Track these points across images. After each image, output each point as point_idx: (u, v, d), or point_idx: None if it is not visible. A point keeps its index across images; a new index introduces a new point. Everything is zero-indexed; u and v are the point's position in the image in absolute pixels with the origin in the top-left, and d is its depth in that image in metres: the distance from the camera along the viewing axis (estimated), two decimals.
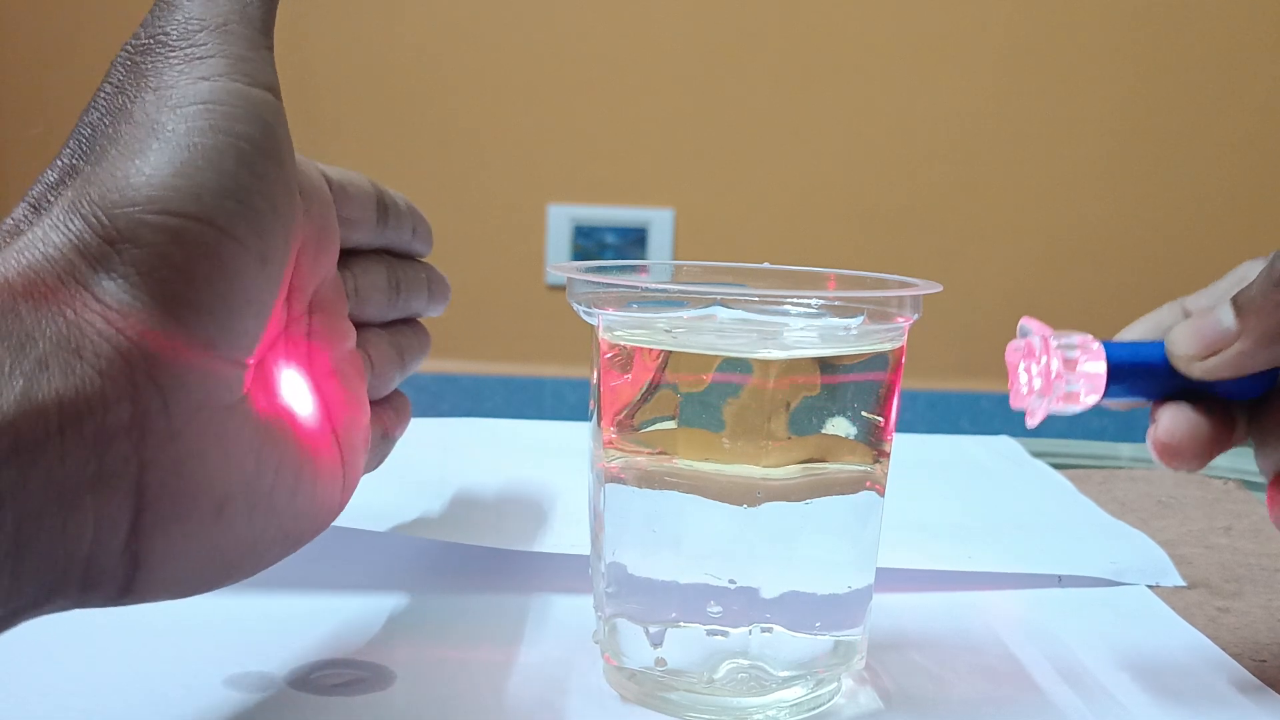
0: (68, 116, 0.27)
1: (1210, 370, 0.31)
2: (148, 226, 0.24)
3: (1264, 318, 0.30)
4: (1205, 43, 1.61)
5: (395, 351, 0.38)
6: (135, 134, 0.26)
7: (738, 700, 0.30)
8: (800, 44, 1.62)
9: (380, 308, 0.38)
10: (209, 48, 0.27)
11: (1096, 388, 0.32)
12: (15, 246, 0.24)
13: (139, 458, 0.24)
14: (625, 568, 0.31)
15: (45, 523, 0.22)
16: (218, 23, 0.28)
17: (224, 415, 0.26)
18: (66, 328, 0.23)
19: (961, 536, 0.46)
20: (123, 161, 0.25)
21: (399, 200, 0.38)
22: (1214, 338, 0.31)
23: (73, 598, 0.24)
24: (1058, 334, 0.33)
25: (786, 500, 0.30)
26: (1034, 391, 0.33)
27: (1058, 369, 0.32)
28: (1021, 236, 1.65)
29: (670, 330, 0.31)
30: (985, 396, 1.66)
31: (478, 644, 0.35)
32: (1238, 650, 0.37)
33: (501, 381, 1.63)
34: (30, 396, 0.22)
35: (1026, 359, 0.33)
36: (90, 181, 0.25)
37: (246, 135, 0.26)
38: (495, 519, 0.46)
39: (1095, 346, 0.32)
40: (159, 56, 0.27)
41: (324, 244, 0.33)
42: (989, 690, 0.34)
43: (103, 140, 0.26)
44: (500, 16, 1.61)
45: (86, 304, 0.24)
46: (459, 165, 1.63)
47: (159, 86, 0.26)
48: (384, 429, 0.38)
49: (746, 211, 1.65)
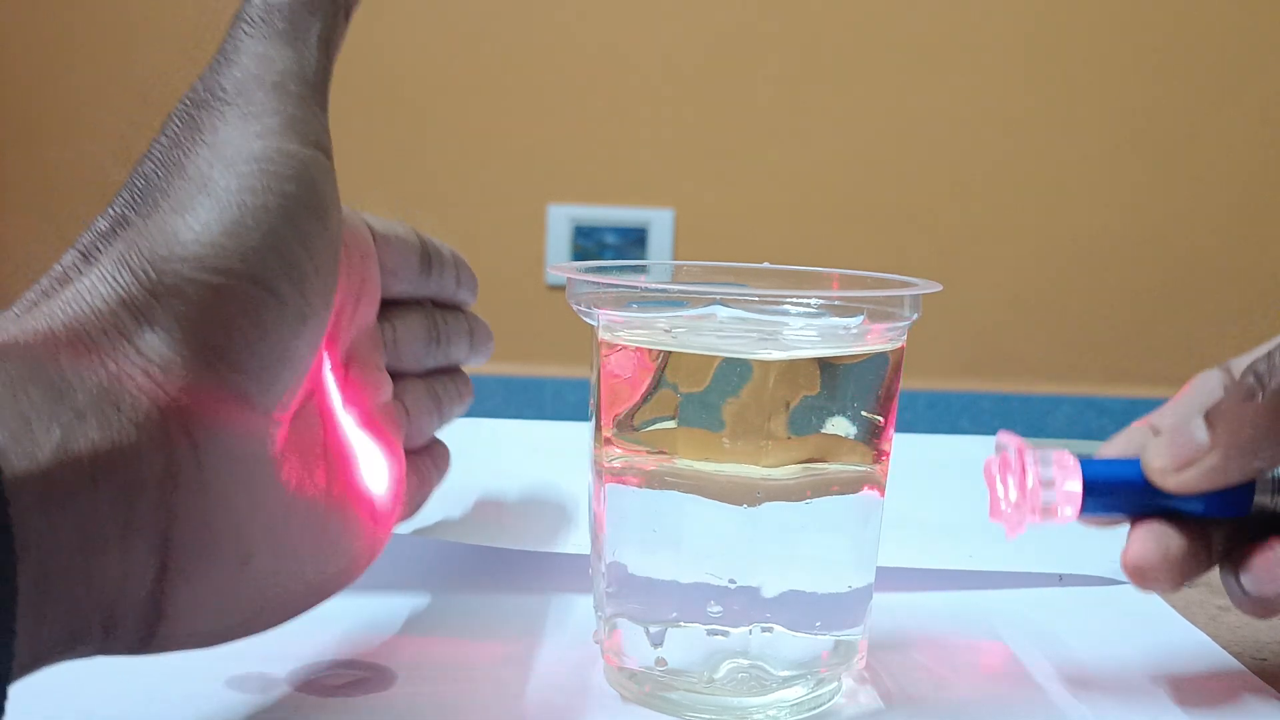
0: (70, 112, 0.27)
1: (1184, 483, 0.31)
2: (193, 282, 0.25)
3: (1235, 430, 0.31)
4: (1207, 42, 1.61)
5: (433, 401, 0.38)
6: (187, 189, 0.26)
7: (738, 700, 0.30)
8: (800, 44, 1.62)
9: (418, 358, 0.38)
10: (264, 106, 0.27)
11: (1074, 502, 0.32)
12: (63, 296, 0.25)
13: (168, 509, 0.24)
14: (625, 567, 0.31)
15: (72, 570, 0.22)
16: (274, 80, 0.28)
17: (254, 468, 0.26)
18: (107, 379, 0.24)
19: (962, 536, 0.46)
20: (173, 216, 0.25)
21: (444, 250, 0.38)
22: (1187, 451, 0.31)
23: (95, 645, 0.24)
24: (1034, 449, 0.33)
25: (786, 500, 0.30)
26: (1011, 505, 0.33)
27: (1033, 484, 0.32)
28: (1021, 236, 1.65)
29: (670, 330, 0.31)
30: (985, 396, 1.66)
31: (478, 644, 0.35)
32: (1238, 649, 0.37)
33: (501, 381, 1.63)
34: (66, 446, 0.22)
35: (1003, 473, 0.33)
36: (140, 234, 0.25)
37: (294, 194, 0.26)
38: (496, 520, 0.46)
39: (1071, 462, 0.32)
40: (215, 111, 0.27)
41: (364, 296, 0.33)
42: (989, 690, 0.34)
43: (155, 193, 0.26)
44: (501, 16, 1.61)
45: (128, 356, 0.24)
46: (459, 165, 1.63)
47: (214, 142, 0.27)
48: (420, 479, 0.38)
49: (746, 211, 1.65)
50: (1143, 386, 1.66)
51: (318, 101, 0.29)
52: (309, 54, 0.29)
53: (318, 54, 0.29)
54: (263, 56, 0.28)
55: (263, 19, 0.29)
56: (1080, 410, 1.66)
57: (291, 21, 0.29)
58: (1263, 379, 0.30)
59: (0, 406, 0.22)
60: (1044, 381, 1.67)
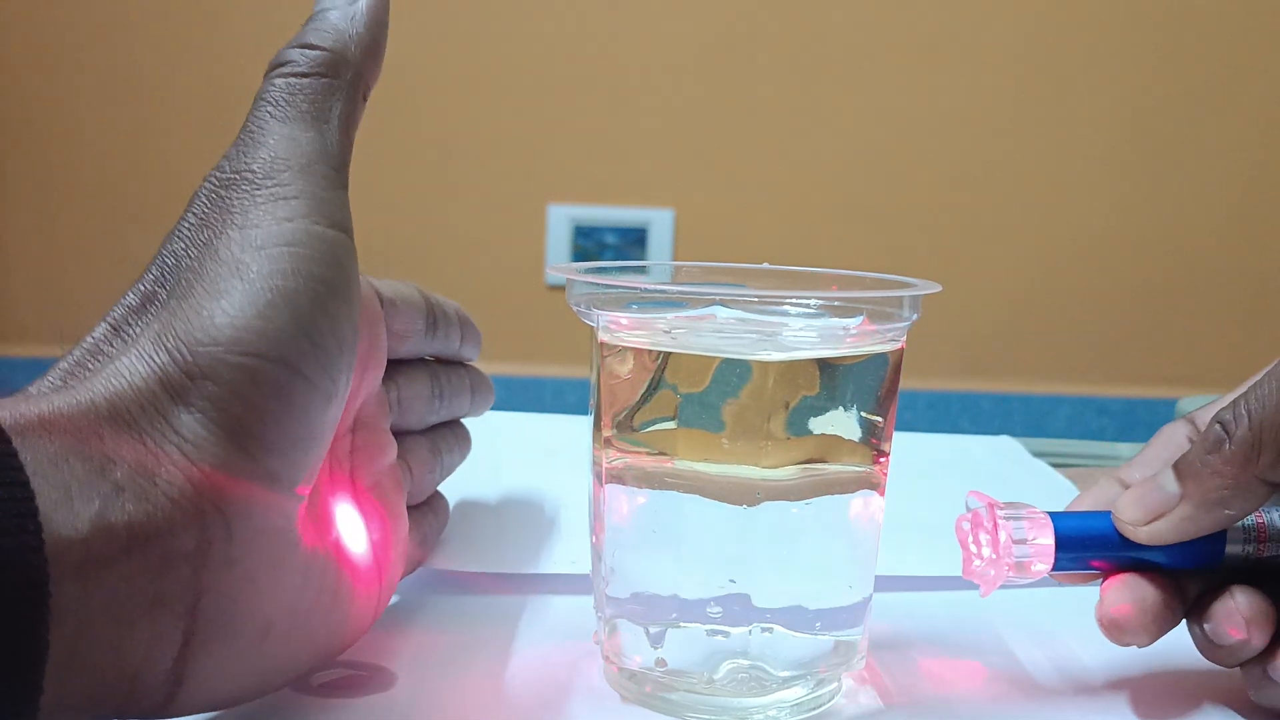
0: (70, 112, 0.27)
1: (1155, 535, 0.32)
2: (227, 365, 0.25)
3: (1203, 482, 0.31)
4: (1207, 42, 1.61)
5: (434, 456, 0.39)
6: (220, 272, 0.27)
7: (738, 700, 0.30)
8: (800, 44, 1.62)
9: (421, 416, 0.39)
10: (292, 188, 0.28)
11: (1045, 557, 0.32)
12: (104, 374, 0.25)
13: (197, 583, 0.25)
14: (626, 568, 0.31)
15: (101, 640, 0.23)
16: (301, 163, 0.29)
17: (279, 543, 0.27)
18: (145, 456, 0.24)
19: None
20: (208, 301, 0.26)
21: (448, 309, 0.39)
22: (1157, 503, 0.32)
23: (111, 710, 0.25)
24: (1005, 506, 0.33)
25: (786, 500, 0.30)
26: (985, 561, 0.33)
27: (1005, 540, 0.32)
28: (1021, 236, 1.65)
29: (670, 330, 0.31)
30: (985, 396, 1.66)
31: (479, 644, 0.35)
32: None
33: (501, 381, 1.62)
34: (104, 516, 0.23)
35: (975, 531, 0.33)
36: (176, 316, 0.26)
37: (322, 277, 0.27)
38: (496, 523, 0.46)
39: (1042, 518, 0.33)
40: (244, 193, 0.28)
41: (371, 362, 0.34)
42: (989, 690, 0.34)
43: (188, 274, 0.27)
44: (501, 16, 1.61)
45: (165, 435, 0.25)
46: (459, 165, 1.63)
47: (244, 225, 0.27)
48: (420, 535, 0.39)
49: (746, 211, 1.65)
50: (1143, 386, 1.66)
51: (341, 182, 0.30)
52: (331, 134, 0.30)
53: (339, 134, 0.30)
54: (289, 138, 0.29)
55: (287, 100, 0.29)
56: (1080, 410, 1.66)
57: (314, 103, 0.30)
58: (1229, 428, 0.31)
59: (45, 477, 0.23)
60: (1044, 381, 1.67)
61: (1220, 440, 0.31)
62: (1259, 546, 0.32)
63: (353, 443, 0.33)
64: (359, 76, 0.31)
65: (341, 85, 0.30)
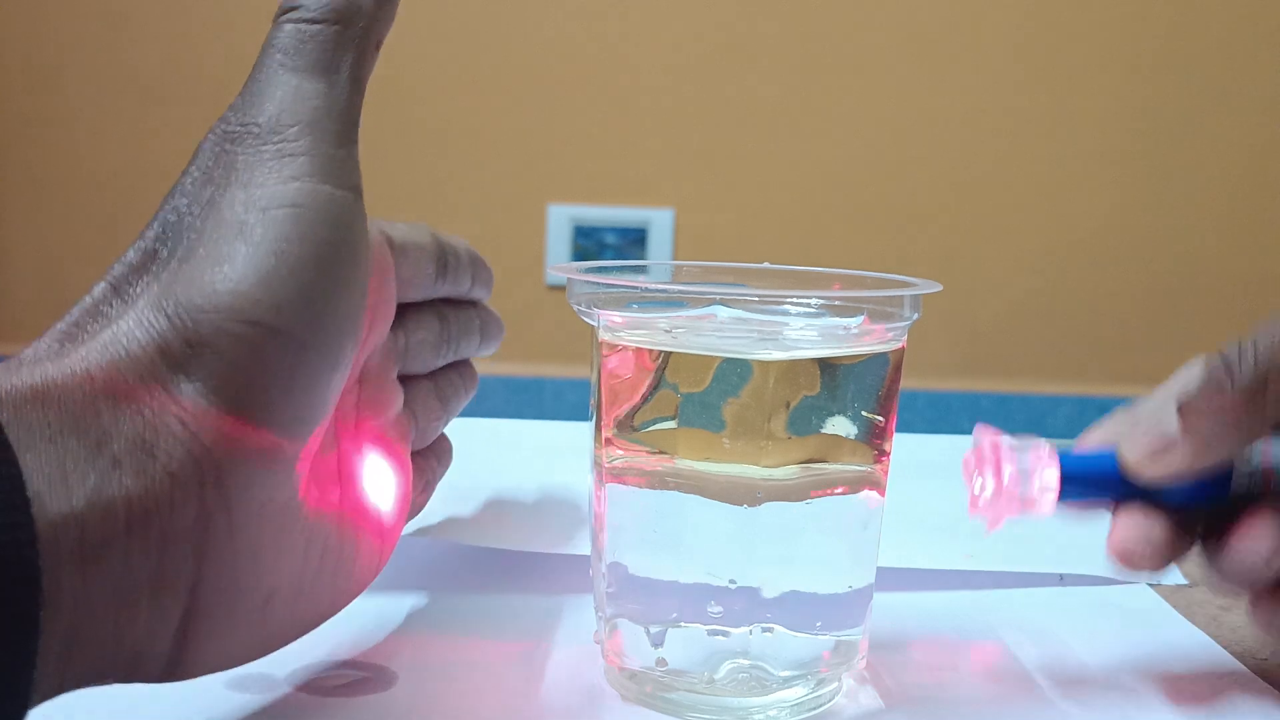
0: (69, 112, 0.27)
1: (1157, 474, 0.32)
2: (228, 334, 0.24)
3: (1204, 421, 0.31)
4: (1207, 42, 1.61)
5: (440, 402, 0.38)
6: (223, 234, 0.26)
7: (738, 700, 0.30)
8: (800, 44, 1.62)
9: (428, 361, 0.37)
10: (299, 144, 0.27)
11: (1051, 493, 0.32)
12: (102, 339, 0.24)
13: (197, 558, 0.24)
14: (626, 568, 0.31)
15: (101, 621, 0.23)
16: (309, 118, 0.27)
17: (280, 513, 0.26)
18: (143, 427, 0.24)
19: (961, 536, 0.46)
20: (210, 265, 0.25)
21: (460, 250, 0.38)
22: (1159, 442, 0.31)
23: (117, 679, 0.25)
24: (1011, 441, 0.33)
25: (787, 500, 0.30)
26: (989, 499, 0.33)
27: (1011, 475, 0.32)
28: (1021, 236, 1.65)
29: (670, 330, 0.31)
30: (985, 396, 1.66)
31: (479, 644, 0.35)
32: (1239, 649, 0.37)
33: (501, 381, 1.63)
34: (101, 493, 0.22)
35: (980, 466, 0.33)
36: (177, 278, 0.25)
37: (329, 240, 0.26)
38: (496, 520, 0.46)
39: (1048, 452, 0.32)
40: (249, 149, 0.27)
41: (379, 315, 0.33)
42: (989, 690, 0.34)
43: (190, 234, 0.26)
44: (501, 16, 1.61)
45: (164, 404, 0.24)
46: (459, 165, 1.63)
47: (248, 183, 0.26)
48: (424, 480, 0.38)
49: (746, 211, 1.65)
50: (1143, 386, 1.65)
51: (350, 138, 0.28)
52: (341, 87, 0.29)
53: (348, 87, 0.29)
54: (296, 90, 0.28)
55: (295, 49, 0.28)
56: (1080, 410, 1.65)
57: (324, 53, 0.28)
58: (1232, 369, 0.30)
59: (39, 454, 0.22)
60: (1044, 381, 1.67)
61: (1222, 381, 0.30)
62: (1265, 485, 0.32)
63: (359, 396, 0.32)
64: (371, 26, 0.30)
65: (353, 35, 0.29)
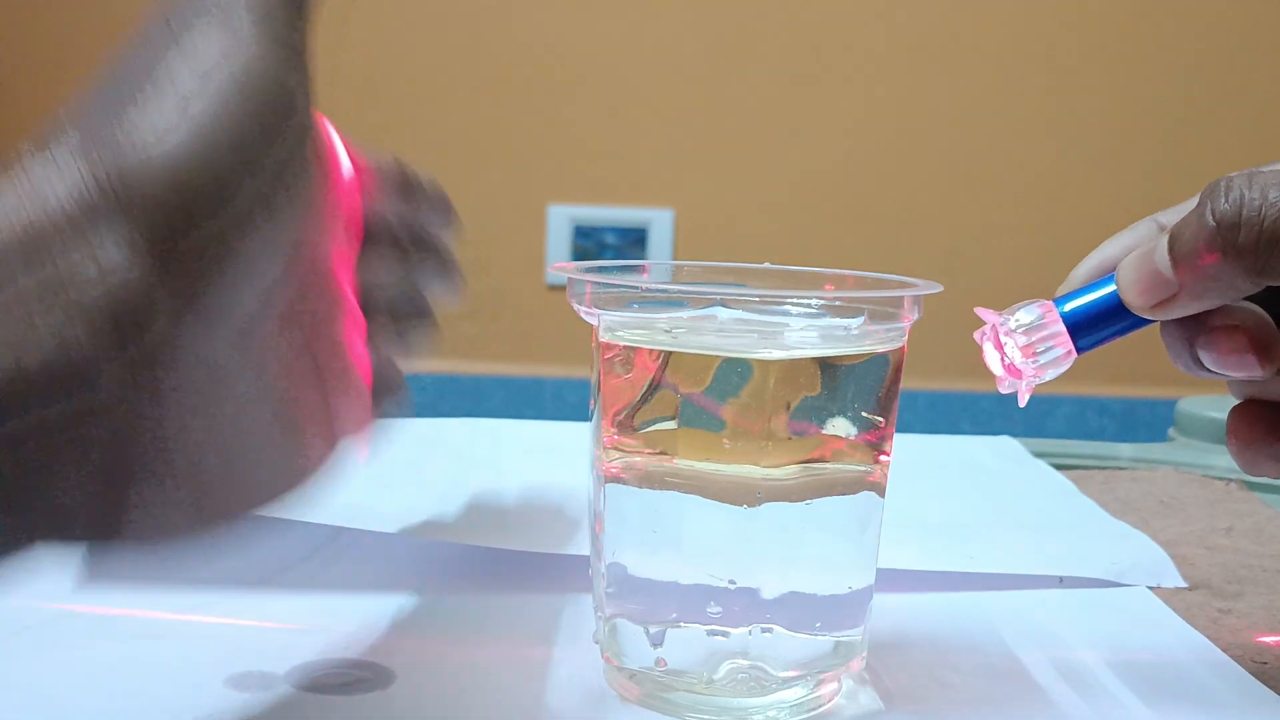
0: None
1: (1157, 316, 0.32)
2: (158, 199, 0.24)
3: (1197, 273, 0.30)
4: (1208, 42, 1.61)
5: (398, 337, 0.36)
6: (159, 93, 0.25)
7: (738, 700, 0.30)
8: (800, 44, 1.62)
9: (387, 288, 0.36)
10: (244, 13, 0.26)
11: (1066, 347, 0.32)
12: (19, 193, 0.23)
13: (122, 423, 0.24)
14: (625, 568, 0.31)
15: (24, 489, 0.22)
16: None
17: (207, 379, 0.26)
18: (62, 290, 0.23)
19: (962, 537, 0.46)
20: (142, 124, 0.24)
21: (424, 180, 0.37)
22: (1159, 290, 0.31)
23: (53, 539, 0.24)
24: (1007, 313, 0.33)
25: (787, 500, 0.30)
26: (1010, 374, 0.33)
27: (1023, 345, 0.32)
28: (1021, 236, 1.65)
29: (670, 330, 0.31)
30: (985, 396, 1.66)
31: (478, 644, 0.35)
32: (1239, 652, 0.37)
33: (501, 382, 1.63)
34: (19, 361, 0.22)
35: (995, 339, 0.33)
36: (104, 134, 0.24)
37: (270, 108, 0.25)
38: (497, 520, 0.46)
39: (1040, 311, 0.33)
40: (187, 7, 0.26)
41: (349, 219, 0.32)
42: (989, 690, 0.34)
43: (123, 87, 0.25)
44: (500, 16, 1.61)
45: (84, 265, 0.23)
46: (459, 165, 1.63)
47: (190, 51, 0.25)
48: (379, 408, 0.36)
49: (746, 211, 1.65)
50: (1143, 386, 1.66)
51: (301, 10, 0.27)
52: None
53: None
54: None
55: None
56: (1080, 410, 1.65)
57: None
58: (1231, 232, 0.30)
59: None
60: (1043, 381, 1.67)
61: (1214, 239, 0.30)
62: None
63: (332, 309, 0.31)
64: None
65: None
